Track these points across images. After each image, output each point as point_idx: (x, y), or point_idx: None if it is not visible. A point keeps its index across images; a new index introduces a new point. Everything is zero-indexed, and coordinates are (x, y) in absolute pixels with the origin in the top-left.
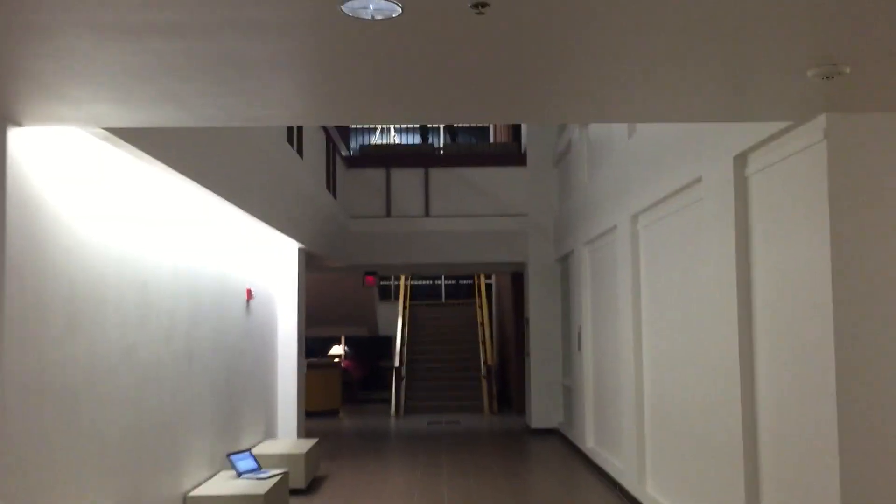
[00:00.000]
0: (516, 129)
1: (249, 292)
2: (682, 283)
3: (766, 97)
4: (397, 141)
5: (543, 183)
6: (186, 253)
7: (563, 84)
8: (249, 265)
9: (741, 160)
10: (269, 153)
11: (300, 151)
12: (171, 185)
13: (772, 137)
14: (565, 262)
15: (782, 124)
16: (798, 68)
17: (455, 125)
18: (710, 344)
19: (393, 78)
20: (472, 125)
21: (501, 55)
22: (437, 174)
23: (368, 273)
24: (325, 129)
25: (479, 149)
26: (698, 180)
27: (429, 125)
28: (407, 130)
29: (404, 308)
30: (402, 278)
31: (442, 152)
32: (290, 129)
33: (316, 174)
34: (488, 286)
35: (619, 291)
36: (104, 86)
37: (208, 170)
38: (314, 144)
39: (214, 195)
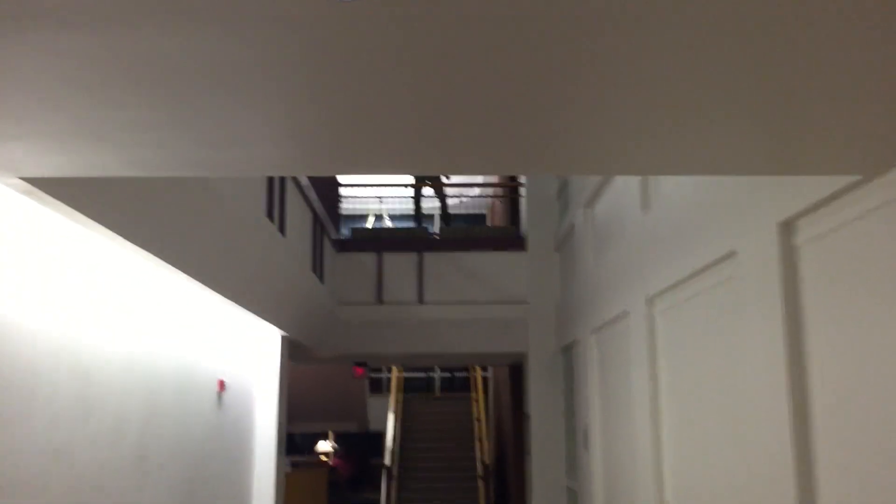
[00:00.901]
0: (514, 212)
1: (222, 384)
2: (711, 375)
3: (834, 139)
4: (390, 227)
5: (544, 268)
6: (144, 338)
7: (583, 116)
8: (222, 353)
9: (787, 228)
10: (245, 226)
11: (282, 229)
12: (124, 256)
13: (831, 197)
14: (569, 353)
15: (844, 180)
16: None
17: (450, 213)
18: (753, 445)
19: (380, 98)
20: (468, 212)
21: (511, 71)
22: (431, 259)
23: (358, 364)
24: (312, 208)
25: (476, 232)
26: (731, 255)
27: (423, 212)
28: (401, 218)
29: (396, 402)
30: (394, 370)
31: (437, 236)
32: (269, 203)
33: (300, 255)
34: (485, 379)
35: (634, 384)
36: (3, 113)
37: (169, 241)
38: (299, 222)
39: (177, 271)
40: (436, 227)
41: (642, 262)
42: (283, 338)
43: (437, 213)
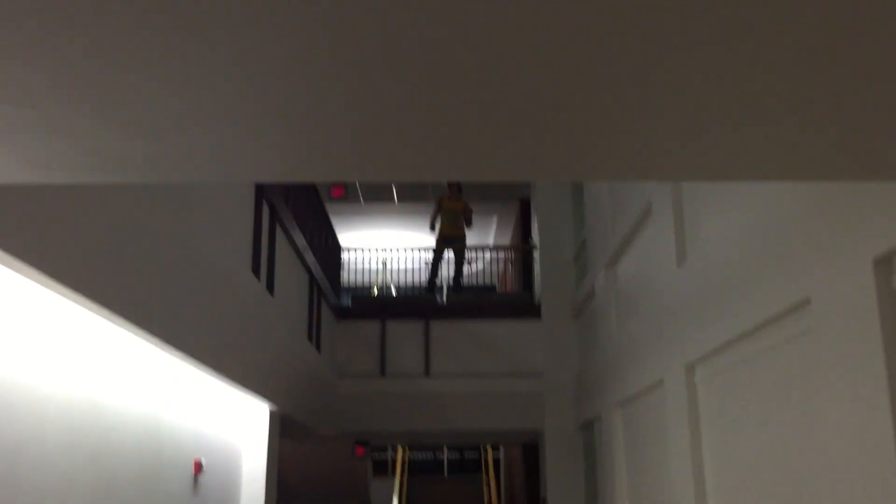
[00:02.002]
0: (527, 278)
1: (198, 465)
2: (776, 451)
3: None
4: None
5: (561, 337)
6: (95, 408)
7: (631, 108)
8: (200, 429)
9: (885, 265)
10: (224, 280)
11: (270, 287)
12: (68, 306)
13: None
14: (590, 430)
15: None
16: None
17: (462, 282)
18: None
19: (376, 72)
20: (477, 283)
21: (544, 48)
22: (438, 327)
23: (359, 442)
24: (308, 270)
25: (487, 299)
26: (803, 304)
27: (436, 279)
28: (408, 289)
29: (401, 485)
30: (400, 450)
31: (445, 302)
32: (255, 257)
33: (293, 319)
34: (496, 461)
35: (672, 464)
36: None
37: (123, 292)
38: (292, 283)
39: (137, 328)
40: (443, 296)
41: (679, 324)
42: (272, 413)
43: (446, 283)
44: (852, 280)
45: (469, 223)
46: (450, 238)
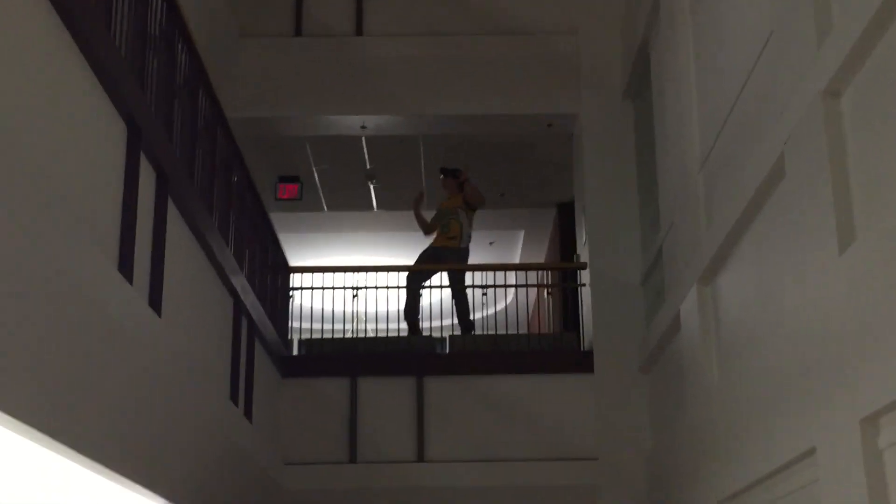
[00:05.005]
0: (572, 314)
1: None
2: None
3: None
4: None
5: (624, 400)
6: None
7: None
8: None
9: None
10: (56, 271)
11: (155, 303)
12: None
13: None
14: None
15: None
16: None
17: (471, 318)
18: None
19: None
20: (492, 332)
21: None
22: (437, 388)
23: None
24: (234, 294)
25: (509, 344)
26: None
27: (417, 313)
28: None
29: None
30: None
31: (447, 350)
32: (124, 248)
33: (199, 361)
34: None
35: None
36: None
37: None
38: (199, 306)
39: None
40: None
41: (845, 351)
42: None
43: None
44: None
45: (474, 205)
46: (435, 251)
